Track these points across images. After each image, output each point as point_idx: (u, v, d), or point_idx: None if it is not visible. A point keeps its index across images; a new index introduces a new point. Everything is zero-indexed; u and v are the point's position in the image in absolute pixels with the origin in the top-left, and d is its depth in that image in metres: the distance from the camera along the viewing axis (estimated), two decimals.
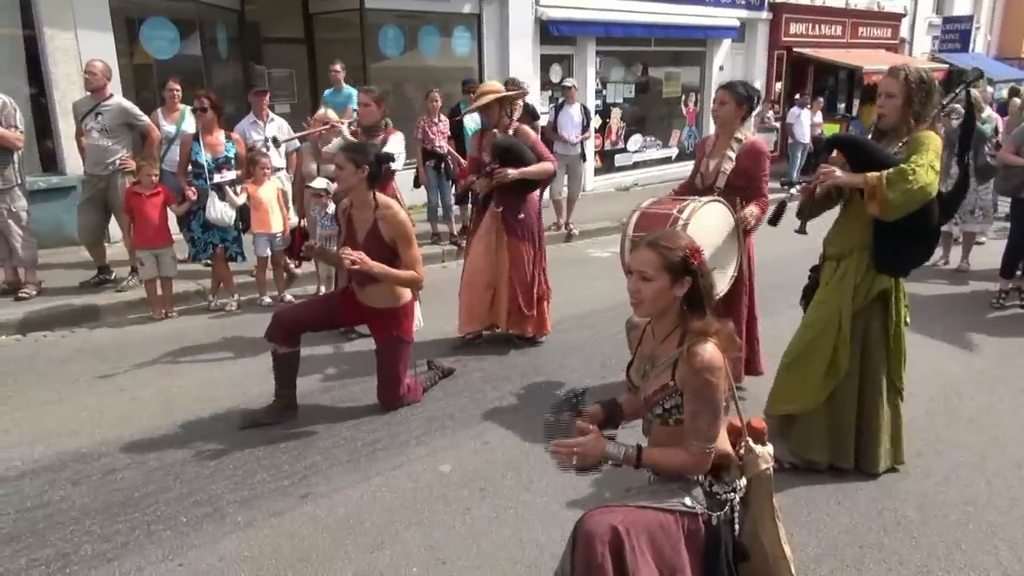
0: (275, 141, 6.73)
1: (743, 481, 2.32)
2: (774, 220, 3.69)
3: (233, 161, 6.27)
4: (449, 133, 8.55)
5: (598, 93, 13.10)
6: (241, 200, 6.24)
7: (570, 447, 2.23)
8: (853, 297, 3.45)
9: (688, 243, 2.25)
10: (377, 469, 3.77)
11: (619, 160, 13.77)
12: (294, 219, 6.61)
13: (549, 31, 11.61)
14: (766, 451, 2.36)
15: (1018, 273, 6.54)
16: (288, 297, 6.61)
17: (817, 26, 16.90)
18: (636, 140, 14.07)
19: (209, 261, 6.43)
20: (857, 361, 3.50)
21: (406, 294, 4.38)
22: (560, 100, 10.05)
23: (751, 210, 4.19)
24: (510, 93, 5.49)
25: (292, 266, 6.93)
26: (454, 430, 4.19)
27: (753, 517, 2.39)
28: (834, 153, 3.51)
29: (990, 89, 17.91)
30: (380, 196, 4.22)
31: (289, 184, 7.02)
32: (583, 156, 9.99)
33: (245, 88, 8.96)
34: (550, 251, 5.83)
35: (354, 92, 8.07)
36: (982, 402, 4.54)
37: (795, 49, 16.35)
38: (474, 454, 3.93)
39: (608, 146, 13.63)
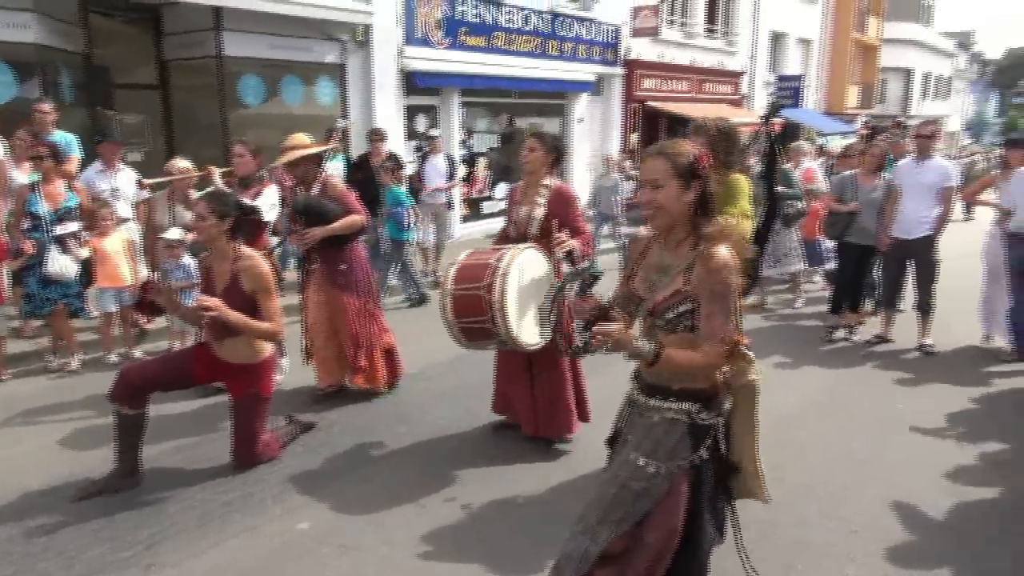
0: (139, 184, 6.29)
1: (728, 403, 2.39)
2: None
3: (76, 212, 5.92)
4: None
5: (463, 143, 13.35)
6: (84, 253, 5.88)
7: (609, 334, 2.17)
8: None
9: (694, 149, 2.29)
10: (231, 532, 3.60)
11: (486, 207, 14.03)
12: (144, 272, 6.29)
13: (413, 82, 11.78)
14: (750, 358, 2.43)
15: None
16: (137, 354, 6.25)
17: (667, 82, 18.04)
18: (502, 188, 14.39)
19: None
20: None
21: (266, 349, 4.24)
22: (425, 150, 10.17)
23: (570, 239, 4.12)
24: (317, 149, 5.17)
25: (142, 321, 6.57)
26: (313, 486, 4.07)
27: (736, 431, 2.46)
28: None
29: (819, 141, 19.66)
30: (241, 247, 4.10)
31: (138, 235, 6.68)
32: (450, 204, 10.11)
33: (93, 135, 8.50)
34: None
35: (70, 137, 7.05)
36: (815, 430, 4.89)
37: (648, 103, 17.35)
38: (334, 510, 3.82)
39: (475, 194, 13.87)
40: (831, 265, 8.37)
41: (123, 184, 6.69)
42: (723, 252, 2.20)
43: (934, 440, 4.77)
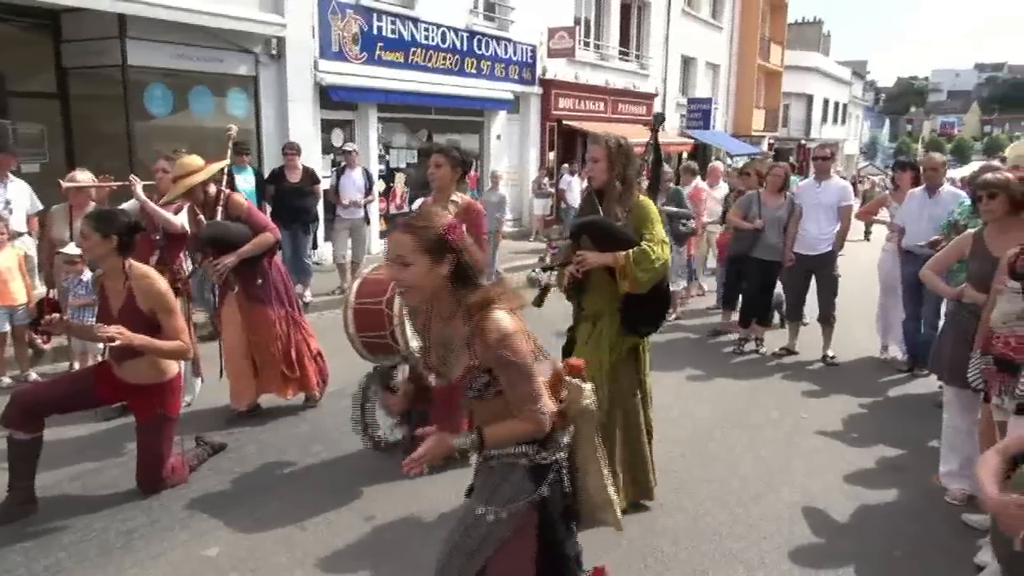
0: (59, 185, 5.86)
1: (567, 435, 2.31)
2: (539, 302, 3.80)
3: None
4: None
5: (381, 158, 13.25)
6: None
7: (420, 458, 2.14)
8: (608, 351, 3.73)
9: (444, 220, 2.14)
10: (133, 560, 3.43)
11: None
12: (41, 289, 5.96)
13: (329, 96, 11.63)
14: (586, 386, 2.39)
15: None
16: (33, 376, 5.90)
17: (582, 102, 18.41)
18: (421, 202, 14.32)
19: None
20: (617, 408, 3.78)
21: (171, 368, 4.08)
22: (342, 164, 10.04)
23: None
24: (208, 173, 4.93)
25: (38, 341, 6.21)
26: (223, 509, 3.92)
27: (580, 462, 2.40)
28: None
29: (728, 162, 20.48)
30: (135, 265, 3.93)
31: (35, 250, 6.33)
32: (367, 219, 10.00)
33: None
34: (334, 315, 5.73)
35: None
36: (727, 440, 5.05)
37: (564, 121, 17.65)
38: (245, 533, 3.70)
39: (393, 209, 13.77)
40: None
41: (15, 196, 6.33)
42: (495, 321, 2.07)
43: (837, 446, 5.00)
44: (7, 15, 8.79)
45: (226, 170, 5.19)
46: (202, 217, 4.99)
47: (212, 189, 4.94)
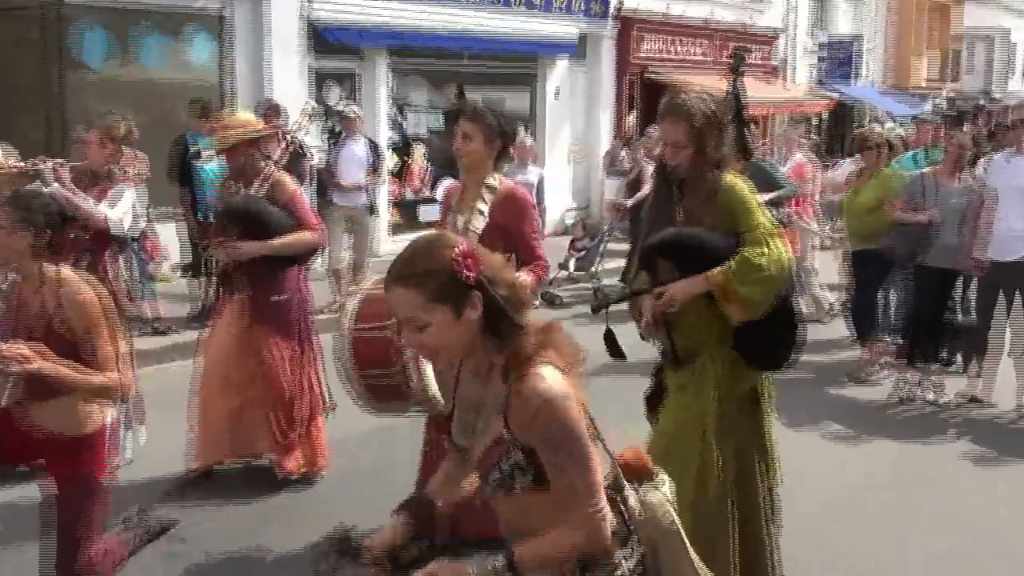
0: None
1: (633, 559, 2.25)
2: (616, 353, 3.79)
3: None
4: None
5: (394, 122, 13.35)
6: None
7: None
8: (715, 398, 3.61)
9: (450, 251, 2.10)
10: None
11: (425, 213, 13.90)
12: None
13: (325, 38, 11.77)
14: (662, 495, 2.36)
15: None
16: None
17: (675, 44, 18.33)
18: (447, 186, 14.33)
19: None
20: (731, 477, 3.65)
21: (97, 416, 4.08)
22: (339, 132, 10.11)
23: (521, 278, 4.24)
24: (263, 131, 5.35)
25: None
26: None
27: None
28: None
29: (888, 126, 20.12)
30: (63, 271, 3.95)
31: None
32: (372, 208, 10.03)
33: None
34: (326, 340, 5.72)
35: None
36: (882, 521, 4.93)
37: (649, 72, 17.56)
38: None
39: (409, 195, 13.83)
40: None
41: None
42: (540, 381, 2.05)
43: None
44: None
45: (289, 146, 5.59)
46: (239, 189, 5.15)
47: (262, 164, 5.15)
